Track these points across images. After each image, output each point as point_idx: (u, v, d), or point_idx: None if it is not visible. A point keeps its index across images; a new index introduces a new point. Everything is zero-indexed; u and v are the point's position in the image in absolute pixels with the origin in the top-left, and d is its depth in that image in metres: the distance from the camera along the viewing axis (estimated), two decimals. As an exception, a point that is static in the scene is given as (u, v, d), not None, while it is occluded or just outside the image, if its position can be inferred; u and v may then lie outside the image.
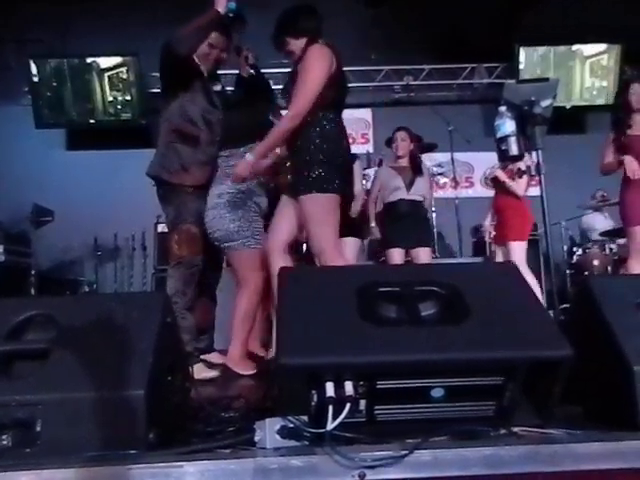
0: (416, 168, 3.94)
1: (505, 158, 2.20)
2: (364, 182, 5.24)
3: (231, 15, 2.56)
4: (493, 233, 4.14)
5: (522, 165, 3.59)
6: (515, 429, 1.17)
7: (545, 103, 1.92)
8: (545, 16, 5.51)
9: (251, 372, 2.59)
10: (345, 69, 2.38)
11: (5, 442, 1.10)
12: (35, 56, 5.99)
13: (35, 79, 6.05)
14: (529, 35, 5.92)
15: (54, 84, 6.09)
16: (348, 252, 3.61)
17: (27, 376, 1.16)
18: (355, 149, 6.08)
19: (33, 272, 5.03)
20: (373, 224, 4.04)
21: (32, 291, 4.96)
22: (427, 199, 4.00)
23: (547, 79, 2.63)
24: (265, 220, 2.78)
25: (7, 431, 1.10)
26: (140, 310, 1.25)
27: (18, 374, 1.19)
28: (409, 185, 3.88)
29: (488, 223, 4.27)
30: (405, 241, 3.84)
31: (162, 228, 4.70)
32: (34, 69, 6.02)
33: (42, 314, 1.27)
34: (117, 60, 6.05)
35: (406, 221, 3.84)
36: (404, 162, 3.96)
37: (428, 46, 5.96)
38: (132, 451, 1.07)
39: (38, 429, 1.10)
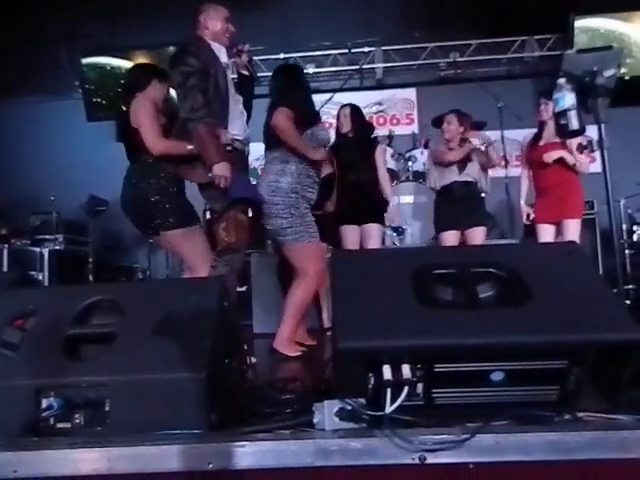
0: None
1: (565, 133, 2.08)
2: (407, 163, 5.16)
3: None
4: (532, 215, 3.85)
5: (583, 140, 3.37)
6: (580, 414, 1.14)
7: (608, 73, 1.81)
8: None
9: (298, 354, 2.65)
10: (388, 48, 2.33)
11: (78, 421, 1.17)
12: (85, 52, 6.17)
13: (85, 74, 6.24)
14: (583, 3, 5.58)
15: (103, 78, 6.26)
16: (372, 238, 3.56)
17: (95, 358, 1.22)
18: (399, 130, 6.04)
19: (90, 259, 5.26)
20: None
21: (90, 277, 5.19)
22: (481, 181, 3.85)
23: (610, 47, 2.47)
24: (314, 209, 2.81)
25: (79, 410, 1.17)
26: (198, 295, 1.29)
27: (86, 356, 1.25)
28: (461, 167, 3.77)
29: (524, 203, 3.90)
30: (460, 223, 3.74)
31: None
32: (84, 64, 6.20)
33: (106, 300, 1.32)
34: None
35: (461, 203, 3.72)
36: (453, 145, 3.85)
37: (474, 20, 5.72)
38: (196, 431, 1.11)
39: (107, 409, 1.16)
